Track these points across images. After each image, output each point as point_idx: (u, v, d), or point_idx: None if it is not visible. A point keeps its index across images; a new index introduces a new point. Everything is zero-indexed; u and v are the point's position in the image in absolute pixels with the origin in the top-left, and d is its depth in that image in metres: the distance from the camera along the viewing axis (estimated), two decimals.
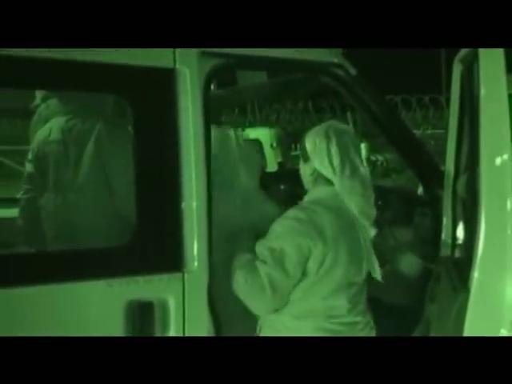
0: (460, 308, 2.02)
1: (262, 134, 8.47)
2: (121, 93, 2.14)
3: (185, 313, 2.10)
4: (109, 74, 2.06)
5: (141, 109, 2.10)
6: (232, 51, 2.23)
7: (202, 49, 2.15)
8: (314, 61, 2.46)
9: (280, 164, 7.39)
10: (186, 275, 2.10)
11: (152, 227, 2.08)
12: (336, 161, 2.25)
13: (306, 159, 2.34)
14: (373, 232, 2.30)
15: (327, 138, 2.28)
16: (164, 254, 2.10)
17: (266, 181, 3.59)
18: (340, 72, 2.52)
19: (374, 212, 2.30)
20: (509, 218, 1.99)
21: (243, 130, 8.62)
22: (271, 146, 8.25)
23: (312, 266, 2.17)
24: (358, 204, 2.25)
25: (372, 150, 9.91)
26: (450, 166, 2.65)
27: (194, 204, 2.13)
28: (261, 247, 2.21)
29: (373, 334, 2.31)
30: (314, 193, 2.34)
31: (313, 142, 2.32)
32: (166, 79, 2.11)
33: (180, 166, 2.12)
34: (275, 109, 10.65)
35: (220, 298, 2.31)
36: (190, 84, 2.14)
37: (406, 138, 2.72)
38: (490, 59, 2.03)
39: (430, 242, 2.74)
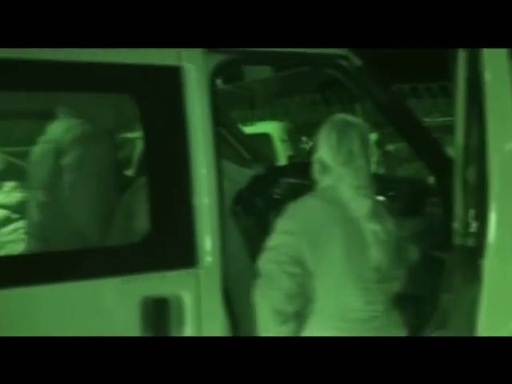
0: (473, 298, 2.02)
1: (271, 127, 8.48)
2: (127, 92, 2.15)
3: (200, 308, 2.12)
4: (115, 74, 2.08)
5: (148, 107, 2.12)
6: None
7: None
8: (319, 53, 2.47)
9: (290, 157, 7.39)
10: (200, 271, 2.12)
11: (165, 224, 2.11)
12: (333, 145, 2.28)
13: (315, 150, 2.37)
14: (369, 223, 2.27)
15: (332, 125, 2.33)
16: (178, 251, 2.12)
17: (276, 174, 3.62)
18: (345, 63, 2.53)
19: (366, 204, 2.27)
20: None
21: (252, 124, 8.64)
22: (281, 139, 8.25)
23: (311, 262, 2.18)
24: (344, 193, 2.27)
25: (382, 139, 9.88)
26: (459, 153, 2.64)
27: (206, 200, 2.15)
28: (259, 267, 2.22)
29: (396, 333, 2.31)
30: (319, 184, 2.36)
31: (320, 131, 2.35)
32: (171, 77, 2.13)
33: (190, 162, 2.14)
34: (284, 102, 10.64)
35: (235, 293, 2.34)
36: (196, 81, 2.16)
37: (415, 127, 2.72)
38: None
39: (441, 232, 2.73)
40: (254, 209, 3.44)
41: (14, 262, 2.06)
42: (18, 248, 3.26)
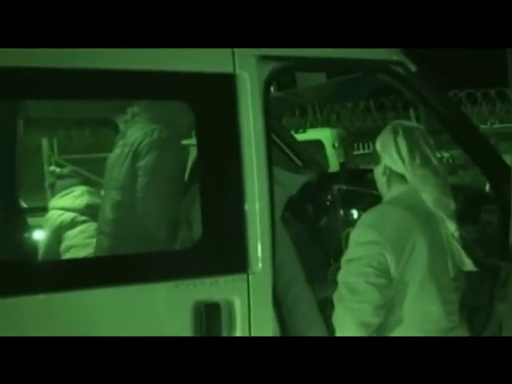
0: None
1: (323, 134, 8.46)
2: (184, 99, 2.19)
3: (250, 313, 2.13)
4: (172, 82, 2.12)
5: (203, 114, 2.15)
6: (290, 54, 2.26)
7: (261, 53, 2.18)
8: (372, 59, 2.45)
9: (342, 164, 7.35)
10: (250, 276, 2.14)
11: (217, 230, 2.13)
12: (404, 151, 2.25)
13: (378, 161, 2.35)
14: (452, 224, 2.23)
15: (394, 132, 2.29)
16: (229, 256, 2.14)
17: (328, 181, 3.61)
18: (400, 69, 2.50)
19: (451, 203, 2.25)
20: None
21: (304, 131, 8.64)
22: (333, 146, 8.23)
23: (392, 269, 2.13)
24: (430, 194, 2.23)
25: (438, 146, 9.72)
26: None
27: (257, 206, 2.16)
28: (340, 281, 2.18)
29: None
30: (390, 193, 2.33)
31: (381, 140, 2.33)
32: (226, 84, 2.16)
33: (242, 168, 2.15)
34: (336, 109, 10.60)
35: (285, 299, 2.34)
36: (250, 88, 2.18)
37: (471, 134, 2.66)
38: None
39: (498, 240, 2.67)
40: (305, 215, 3.44)
41: (69, 266, 2.12)
42: (82, 250, 3.38)
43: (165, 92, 2.16)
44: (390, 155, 2.28)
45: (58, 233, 3.62)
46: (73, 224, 3.62)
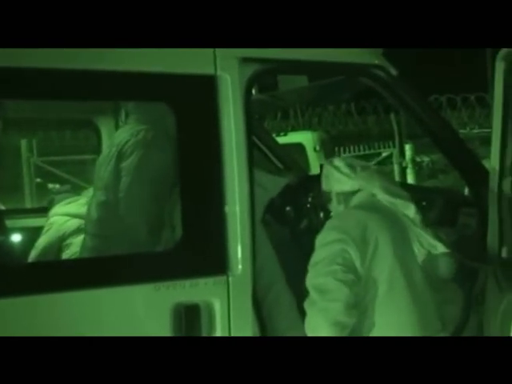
0: (507, 309, 2.00)
1: (305, 137, 8.49)
2: (164, 101, 2.18)
3: (230, 315, 2.13)
4: (153, 83, 2.11)
5: (184, 116, 2.14)
6: (272, 56, 2.26)
7: (243, 55, 2.18)
8: (354, 63, 2.47)
9: (322, 166, 7.35)
10: (230, 278, 2.14)
11: (197, 232, 2.12)
12: (343, 167, 2.40)
13: (328, 200, 2.47)
14: (410, 210, 2.29)
15: (329, 163, 2.50)
16: (209, 258, 2.13)
17: (309, 183, 3.61)
18: (381, 73, 2.52)
19: (401, 190, 2.35)
20: None
21: (286, 135, 8.66)
22: (314, 149, 8.26)
23: (358, 265, 2.16)
24: (381, 187, 2.33)
25: (418, 151, 9.79)
26: (495, 164, 2.60)
27: (238, 208, 2.16)
28: (309, 285, 2.21)
29: None
30: (354, 200, 2.39)
31: (324, 178, 2.48)
32: (207, 86, 2.15)
33: (223, 170, 2.15)
34: (318, 112, 10.64)
35: (264, 301, 2.34)
36: (232, 90, 2.18)
37: (450, 137, 2.69)
38: None
39: (476, 242, 2.70)
40: (286, 218, 3.44)
41: (50, 268, 2.10)
42: None
43: (146, 93, 2.15)
44: (336, 180, 2.41)
45: (62, 238, 3.56)
46: (78, 231, 3.57)
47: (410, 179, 9.41)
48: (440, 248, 2.28)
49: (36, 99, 2.28)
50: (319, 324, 2.12)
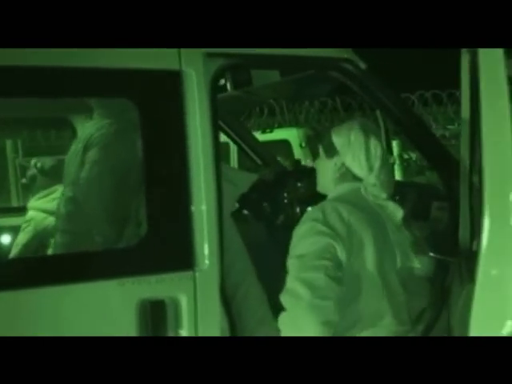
0: (466, 301, 2.00)
1: (290, 134, 8.48)
2: (127, 97, 2.17)
3: (197, 311, 2.12)
4: (115, 79, 2.10)
5: (148, 112, 2.13)
6: (239, 51, 2.25)
7: (208, 49, 2.17)
8: (322, 57, 2.46)
9: (296, 161, 7.33)
10: (197, 274, 2.12)
11: (162, 227, 2.11)
12: (374, 159, 2.22)
13: (332, 154, 2.29)
14: (400, 214, 2.25)
15: (364, 132, 2.25)
16: (174, 253, 2.12)
17: (286, 178, 3.61)
18: (349, 67, 2.51)
19: (400, 212, 2.27)
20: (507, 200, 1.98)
21: (272, 131, 8.65)
22: (300, 145, 8.25)
23: (344, 262, 2.11)
24: (380, 200, 2.24)
25: (405, 147, 9.79)
26: (465, 158, 2.60)
27: (204, 203, 2.15)
28: (295, 278, 2.10)
29: None
30: (336, 191, 2.31)
31: (346, 136, 2.26)
32: (171, 81, 2.14)
33: (189, 165, 2.14)
34: (305, 108, 10.64)
35: (234, 296, 2.33)
36: (197, 85, 2.16)
37: (421, 130, 2.68)
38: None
39: (448, 237, 2.70)
40: (262, 213, 3.44)
41: (12, 265, 2.08)
42: None
43: (109, 90, 2.14)
44: (356, 158, 2.24)
45: (42, 236, 3.53)
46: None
47: (398, 176, 9.40)
48: (415, 262, 2.23)
49: None
50: (307, 321, 2.02)
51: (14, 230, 3.75)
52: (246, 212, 3.59)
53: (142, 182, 2.11)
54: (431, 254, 2.67)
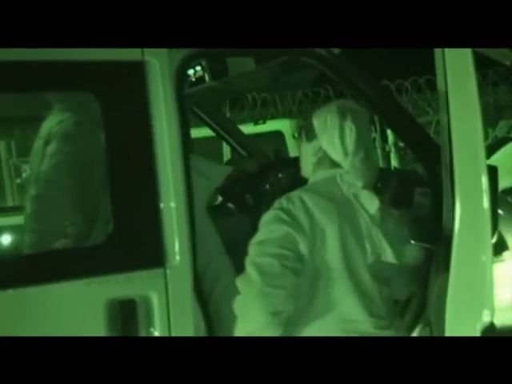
0: (441, 290, 1.94)
1: (283, 125, 8.40)
2: (89, 90, 2.10)
3: (169, 309, 2.06)
4: (76, 71, 2.03)
5: (110, 105, 2.06)
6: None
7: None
8: None
9: (277, 151, 7.27)
10: (167, 271, 2.06)
11: (129, 224, 2.05)
12: (349, 142, 2.10)
13: (311, 138, 2.18)
14: (374, 205, 2.11)
15: (341, 114, 2.12)
16: (144, 250, 2.06)
17: (271, 170, 3.54)
18: (322, 52, 2.44)
19: (375, 204, 2.13)
20: (484, 195, 1.93)
21: (264, 122, 8.58)
22: (293, 136, 8.17)
23: (305, 254, 2.02)
24: (356, 190, 2.14)
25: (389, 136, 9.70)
26: (445, 145, 2.53)
27: (174, 198, 2.09)
28: (250, 263, 2.03)
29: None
30: (314, 177, 2.22)
31: (323, 118, 2.15)
32: (134, 72, 2.07)
33: (155, 159, 2.07)
34: (298, 99, 10.56)
35: (210, 293, 2.27)
36: (161, 76, 2.09)
37: (399, 115, 2.61)
38: None
39: (431, 223, 2.63)
40: (245, 206, 3.38)
41: None
42: None
43: (69, 83, 2.07)
44: (331, 141, 2.12)
45: None
46: None
47: (395, 163, 9.31)
48: (389, 256, 2.10)
49: None
50: (254, 309, 1.95)
51: (9, 230, 3.71)
52: (230, 205, 3.54)
53: (107, 178, 2.04)
54: (413, 242, 2.61)
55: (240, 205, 3.42)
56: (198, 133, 4.23)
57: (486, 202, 1.98)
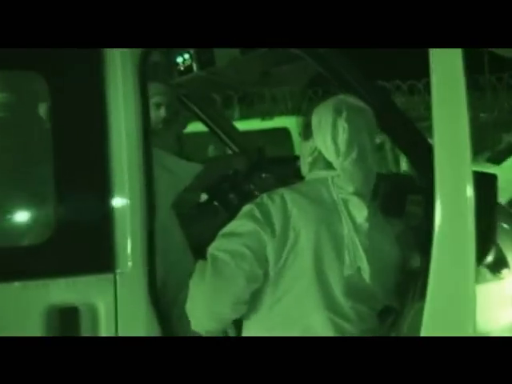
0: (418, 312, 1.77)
1: (290, 122, 8.20)
2: (41, 74, 1.89)
3: (117, 320, 1.85)
4: (25, 54, 1.83)
5: (64, 94, 1.86)
6: None
7: None
8: None
9: (260, 149, 7.13)
10: (118, 277, 1.85)
11: (74, 222, 1.85)
12: (341, 140, 1.92)
13: (308, 136, 2.02)
14: (362, 213, 1.92)
15: (336, 111, 1.95)
16: (90, 253, 1.86)
17: (261, 169, 3.36)
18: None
19: (364, 214, 1.93)
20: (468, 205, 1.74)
21: (271, 119, 8.37)
22: (299, 134, 7.96)
23: (271, 258, 1.84)
24: (345, 196, 1.94)
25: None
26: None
27: (128, 195, 1.88)
28: (211, 251, 1.89)
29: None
30: (309, 176, 2.03)
31: (318, 116, 1.98)
32: (91, 59, 1.87)
33: (109, 154, 1.87)
34: (307, 96, 10.34)
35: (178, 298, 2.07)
36: (121, 65, 1.89)
37: (392, 112, 2.38)
38: None
39: (424, 232, 2.41)
40: (229, 205, 3.19)
41: None
42: None
43: (20, 66, 1.88)
44: (324, 139, 1.95)
45: None
46: None
47: (405, 167, 9.09)
48: (366, 273, 1.91)
49: None
50: (196, 302, 1.88)
51: None
52: (215, 203, 3.36)
53: (51, 170, 1.83)
54: (405, 252, 2.41)
55: (225, 204, 3.23)
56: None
57: (470, 213, 1.78)
